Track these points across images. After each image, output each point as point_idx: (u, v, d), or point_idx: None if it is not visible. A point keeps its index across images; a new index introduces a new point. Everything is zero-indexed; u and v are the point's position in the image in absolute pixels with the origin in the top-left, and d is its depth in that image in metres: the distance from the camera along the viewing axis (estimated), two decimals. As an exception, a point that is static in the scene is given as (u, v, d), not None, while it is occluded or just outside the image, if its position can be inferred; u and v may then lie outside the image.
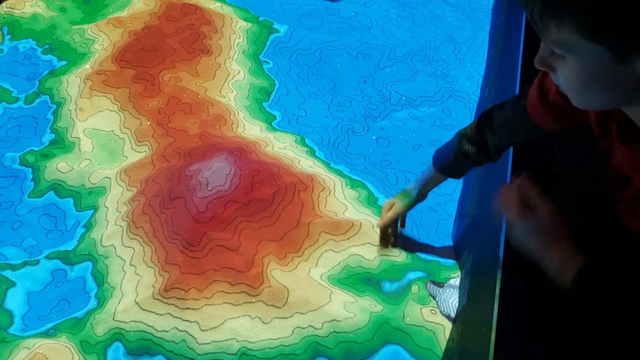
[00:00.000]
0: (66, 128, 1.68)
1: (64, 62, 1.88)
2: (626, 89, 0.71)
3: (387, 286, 1.34)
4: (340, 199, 1.48)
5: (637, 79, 0.69)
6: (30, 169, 1.60)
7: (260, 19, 2.04)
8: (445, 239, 1.48)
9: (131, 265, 1.36)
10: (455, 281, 1.31)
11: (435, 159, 1.28)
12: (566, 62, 0.72)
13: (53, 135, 1.68)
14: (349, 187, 1.52)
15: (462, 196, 1.56)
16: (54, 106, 1.75)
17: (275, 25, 2.03)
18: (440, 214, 1.53)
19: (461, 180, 1.55)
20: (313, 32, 2.03)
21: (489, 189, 1.31)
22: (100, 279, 1.36)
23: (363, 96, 1.87)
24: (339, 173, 1.57)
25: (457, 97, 1.84)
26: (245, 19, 2.01)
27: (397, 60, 1.97)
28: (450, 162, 1.24)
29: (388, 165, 1.68)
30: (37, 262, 1.41)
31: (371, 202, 1.51)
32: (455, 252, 1.42)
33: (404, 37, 2.05)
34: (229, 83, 1.82)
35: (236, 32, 1.95)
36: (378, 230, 1.39)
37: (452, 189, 1.57)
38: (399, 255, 1.38)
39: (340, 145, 1.72)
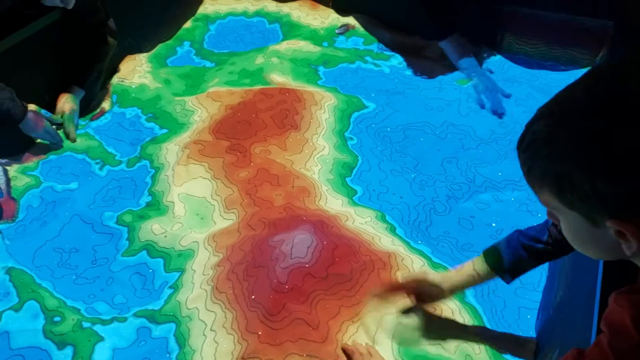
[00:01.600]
0: (162, 192, 1.78)
1: (165, 130, 2.02)
2: (613, 247, 0.74)
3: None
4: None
5: (617, 241, 0.72)
6: (126, 229, 1.70)
7: (349, 97, 2.12)
8: (527, 331, 1.44)
9: (212, 330, 1.40)
10: None
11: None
12: (561, 220, 0.78)
13: (150, 198, 1.79)
14: (430, 268, 1.52)
15: (547, 287, 1.52)
16: (153, 171, 1.87)
17: (362, 104, 2.10)
18: (523, 302, 1.50)
19: (546, 268, 1.52)
20: (399, 111, 2.08)
21: (577, 278, 1.27)
22: (182, 341, 1.41)
23: (446, 176, 1.88)
24: (420, 253, 1.58)
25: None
26: (335, 98, 2.10)
27: (483, 142, 1.98)
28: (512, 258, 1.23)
29: (470, 248, 1.66)
30: (125, 319, 1.48)
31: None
32: (538, 345, 1.38)
33: (490, 120, 2.06)
34: (315, 157, 1.89)
35: (325, 110, 2.04)
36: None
37: (536, 278, 1.53)
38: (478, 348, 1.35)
39: (422, 225, 1.73)
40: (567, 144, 0.70)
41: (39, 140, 1.95)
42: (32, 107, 1.87)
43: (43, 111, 1.92)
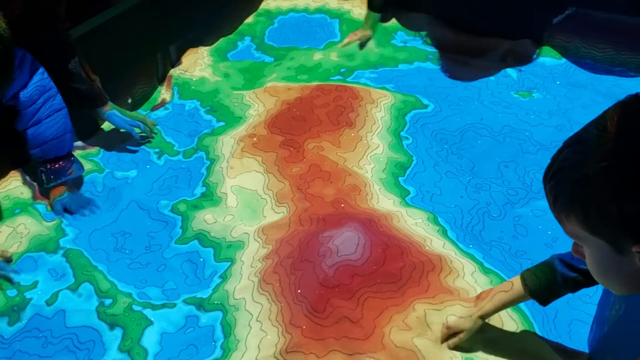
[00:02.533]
0: (216, 183, 1.81)
1: (222, 123, 2.06)
2: (637, 277, 0.76)
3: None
4: (470, 283, 1.45)
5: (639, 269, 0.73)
6: (180, 217, 1.74)
7: (406, 96, 2.10)
8: (578, 344, 1.39)
9: (257, 321, 1.41)
10: None
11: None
12: (585, 251, 0.81)
13: (204, 189, 1.82)
14: (480, 272, 1.49)
15: (603, 298, 1.46)
16: (208, 162, 1.90)
17: (421, 103, 2.08)
18: (576, 314, 1.44)
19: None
20: (457, 113, 2.05)
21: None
22: (227, 330, 1.43)
23: (503, 180, 1.84)
24: (471, 257, 1.54)
25: (604, 191, 1.75)
26: (392, 97, 2.08)
27: (542, 147, 1.92)
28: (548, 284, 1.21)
29: (523, 255, 1.62)
30: (175, 305, 1.51)
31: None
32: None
33: (550, 125, 2.00)
34: (368, 156, 1.88)
35: (381, 108, 2.02)
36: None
37: (592, 289, 1.47)
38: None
39: (475, 229, 1.70)
40: (597, 167, 0.72)
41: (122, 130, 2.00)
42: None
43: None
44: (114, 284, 1.55)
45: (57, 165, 1.75)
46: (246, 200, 1.76)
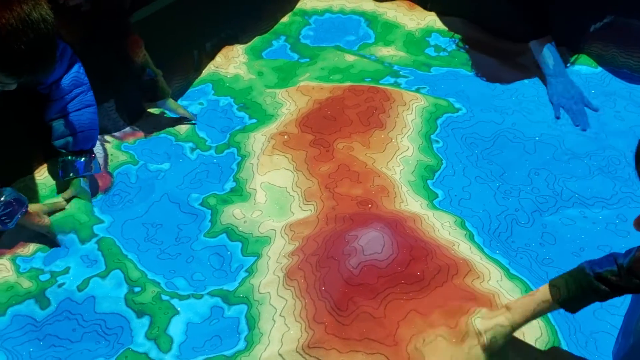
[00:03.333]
0: (246, 179, 1.84)
1: (254, 120, 2.08)
2: None
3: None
4: (495, 288, 1.45)
5: None
6: (209, 211, 1.77)
7: (438, 100, 2.09)
8: (603, 356, 1.37)
9: (281, 315, 1.43)
10: None
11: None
12: None
13: (234, 184, 1.85)
14: (506, 278, 1.48)
15: (629, 311, 1.45)
16: (239, 158, 1.93)
17: (452, 107, 2.07)
18: (601, 325, 1.43)
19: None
20: (490, 117, 2.03)
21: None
22: (252, 323, 1.45)
23: (532, 188, 1.82)
24: (497, 263, 1.54)
25: (637, 203, 1.73)
26: (424, 100, 2.08)
27: (574, 156, 1.90)
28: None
29: (550, 264, 1.61)
30: (201, 296, 1.54)
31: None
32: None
33: (584, 134, 1.98)
34: (397, 157, 1.89)
35: (412, 111, 2.03)
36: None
37: (619, 299, 1.46)
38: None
39: (502, 235, 1.69)
40: None
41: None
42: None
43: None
44: (143, 273, 1.59)
45: (80, 159, 1.76)
46: (275, 197, 1.78)
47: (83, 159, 1.77)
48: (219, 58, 2.34)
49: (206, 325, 1.49)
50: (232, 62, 2.34)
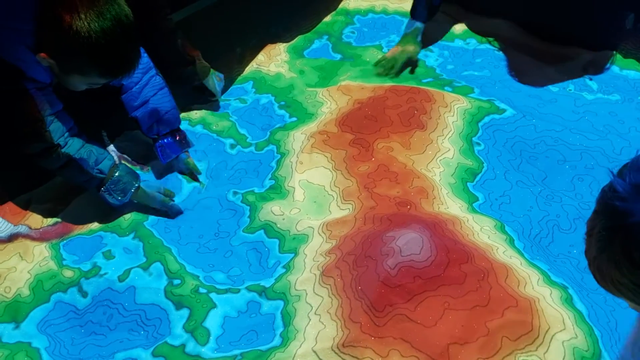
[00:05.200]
0: (285, 177, 1.85)
1: (294, 119, 2.10)
2: None
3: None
4: (534, 292, 1.43)
5: None
6: (248, 207, 1.79)
7: (481, 102, 2.07)
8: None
9: (316, 313, 1.44)
10: None
11: None
12: None
13: (273, 181, 1.86)
14: (546, 284, 1.46)
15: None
16: (279, 156, 1.94)
17: (496, 110, 2.04)
18: None
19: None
20: (533, 121, 2.00)
21: None
22: (287, 319, 1.46)
23: (575, 194, 1.79)
24: (537, 269, 1.52)
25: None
26: (466, 101, 2.06)
27: (620, 163, 1.83)
28: None
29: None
30: (238, 290, 1.56)
31: (566, 300, 1.43)
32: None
33: (629, 140, 1.93)
34: (438, 159, 1.87)
35: (454, 112, 2.01)
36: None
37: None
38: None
39: (543, 241, 1.66)
40: None
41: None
42: None
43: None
44: (183, 266, 1.62)
45: (175, 139, 1.85)
46: (313, 195, 1.79)
47: (178, 137, 1.85)
48: (261, 56, 2.36)
49: (243, 319, 1.50)
50: (274, 60, 2.36)
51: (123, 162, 1.77)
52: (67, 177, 1.69)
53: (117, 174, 1.66)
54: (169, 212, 1.75)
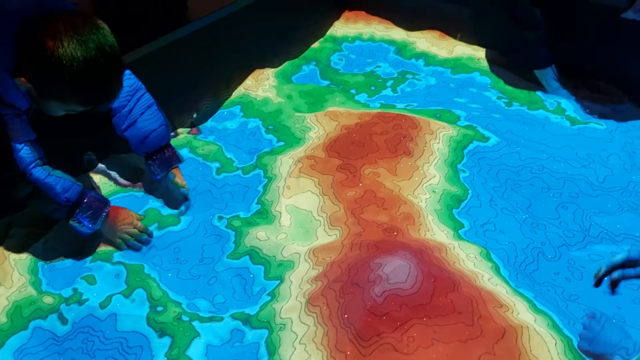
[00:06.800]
0: (271, 202, 1.84)
1: (281, 143, 2.10)
2: None
3: None
4: (520, 321, 1.42)
5: None
6: (234, 232, 1.77)
7: (466, 129, 2.08)
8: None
9: (301, 343, 1.42)
10: None
11: None
12: None
13: (259, 206, 1.85)
14: (531, 312, 1.46)
15: None
16: (266, 180, 1.94)
17: (481, 137, 2.06)
18: None
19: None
20: (517, 149, 2.02)
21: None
22: (272, 349, 1.44)
23: (560, 222, 1.80)
24: (523, 296, 1.51)
25: (668, 242, 1.69)
26: (451, 128, 2.07)
27: (604, 192, 1.87)
28: None
29: (576, 299, 1.58)
30: (222, 318, 1.54)
31: (553, 328, 1.42)
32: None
33: (614, 169, 1.95)
34: (424, 185, 1.88)
35: (439, 139, 2.02)
36: None
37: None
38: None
39: (528, 268, 1.66)
40: None
41: None
42: None
43: None
44: (166, 292, 1.59)
45: (164, 155, 1.84)
46: (300, 221, 1.78)
47: (167, 153, 1.83)
48: (249, 80, 2.37)
49: (226, 348, 1.48)
50: (262, 85, 2.36)
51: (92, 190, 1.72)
52: (34, 207, 1.64)
53: (85, 201, 1.62)
54: (131, 248, 1.72)
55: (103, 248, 1.71)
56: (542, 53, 2.24)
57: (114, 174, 1.94)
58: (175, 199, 1.87)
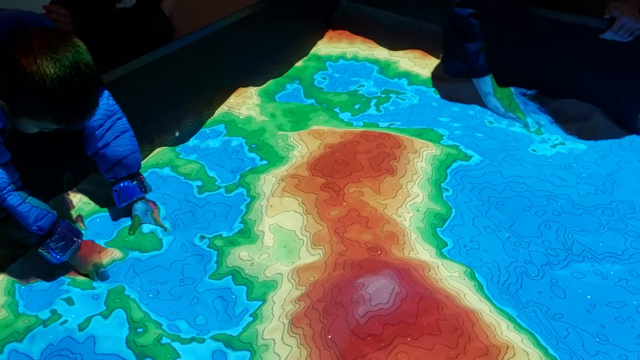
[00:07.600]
0: (254, 221, 1.83)
1: (265, 162, 2.09)
2: None
3: None
4: (504, 339, 1.41)
5: None
6: (216, 252, 1.75)
7: (449, 148, 2.09)
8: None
9: (284, 364, 1.40)
10: None
11: None
12: None
13: (242, 225, 1.83)
14: (514, 331, 1.45)
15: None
16: (249, 199, 1.92)
17: (464, 155, 2.07)
18: None
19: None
20: (500, 167, 2.03)
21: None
22: (254, 370, 1.42)
23: (543, 240, 1.80)
24: (506, 315, 1.51)
25: (649, 259, 1.70)
26: (435, 147, 2.08)
27: (586, 210, 1.89)
28: None
29: (560, 318, 1.57)
30: (203, 340, 1.51)
31: (538, 346, 1.42)
32: None
33: (597, 188, 1.97)
34: (408, 204, 1.87)
35: (423, 158, 2.02)
36: None
37: None
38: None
39: (512, 287, 1.66)
40: None
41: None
42: None
43: None
44: (146, 313, 1.56)
45: (131, 183, 1.80)
46: (283, 240, 1.76)
47: (135, 182, 1.80)
48: (232, 99, 2.37)
49: (208, 370, 1.45)
50: (245, 103, 2.36)
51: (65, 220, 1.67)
52: (5, 233, 1.61)
53: (58, 231, 1.59)
54: (99, 278, 1.68)
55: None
56: (480, 62, 2.28)
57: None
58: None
